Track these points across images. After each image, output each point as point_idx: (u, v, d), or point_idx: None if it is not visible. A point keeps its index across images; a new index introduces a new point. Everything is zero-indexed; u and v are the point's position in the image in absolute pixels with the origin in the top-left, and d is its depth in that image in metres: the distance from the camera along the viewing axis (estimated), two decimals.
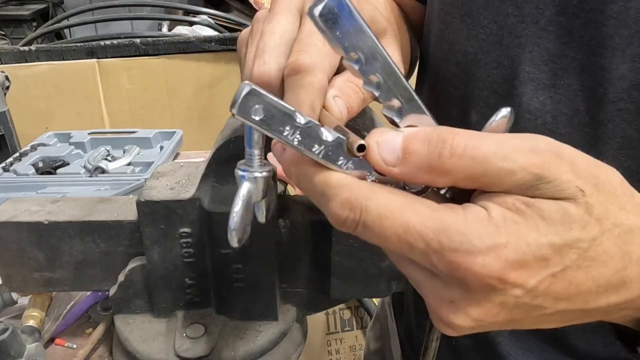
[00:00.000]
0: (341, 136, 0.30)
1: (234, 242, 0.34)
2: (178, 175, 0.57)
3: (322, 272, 0.56)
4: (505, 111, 0.35)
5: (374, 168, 0.30)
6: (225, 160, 0.52)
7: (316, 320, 1.38)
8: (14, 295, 0.65)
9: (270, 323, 0.58)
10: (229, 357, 0.55)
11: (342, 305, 1.28)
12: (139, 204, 0.53)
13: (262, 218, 0.38)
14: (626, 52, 0.42)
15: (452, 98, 0.57)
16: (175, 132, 1.16)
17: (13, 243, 0.57)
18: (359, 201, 0.29)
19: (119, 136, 1.14)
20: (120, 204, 0.59)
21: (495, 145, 0.29)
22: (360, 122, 0.47)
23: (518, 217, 0.29)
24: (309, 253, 0.57)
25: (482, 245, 0.28)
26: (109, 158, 1.05)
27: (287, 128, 0.28)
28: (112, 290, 0.58)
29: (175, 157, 1.16)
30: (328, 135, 0.29)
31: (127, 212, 0.57)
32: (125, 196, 0.85)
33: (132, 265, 0.57)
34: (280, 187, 0.89)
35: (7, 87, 1.16)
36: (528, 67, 0.49)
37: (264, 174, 0.34)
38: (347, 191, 0.29)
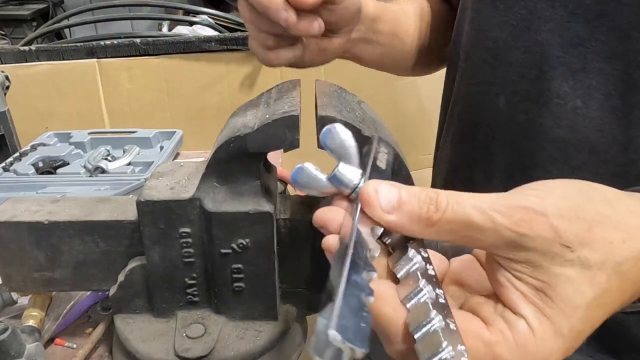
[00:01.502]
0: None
1: None
2: (178, 175, 0.57)
3: (322, 272, 0.56)
4: (384, 144, 0.40)
5: (369, 214, 0.32)
6: (225, 160, 0.52)
7: (316, 320, 1.38)
8: (14, 295, 0.65)
9: (270, 323, 0.58)
10: (229, 357, 0.55)
11: None
12: (139, 203, 0.53)
13: None
14: None
15: (482, 83, 0.58)
16: (175, 132, 1.16)
17: (13, 243, 0.57)
18: None
19: (119, 136, 1.14)
20: (120, 204, 0.59)
21: (476, 204, 0.32)
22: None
23: (546, 310, 0.31)
24: (309, 253, 0.57)
25: None
26: (109, 158, 1.05)
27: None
28: (112, 290, 0.58)
29: (175, 157, 1.16)
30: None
31: (127, 212, 0.57)
32: (125, 196, 0.85)
33: (132, 265, 0.57)
34: (280, 187, 0.89)
35: (7, 87, 1.16)
36: (557, 51, 0.49)
37: None
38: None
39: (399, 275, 0.33)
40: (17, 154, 1.06)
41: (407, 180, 0.52)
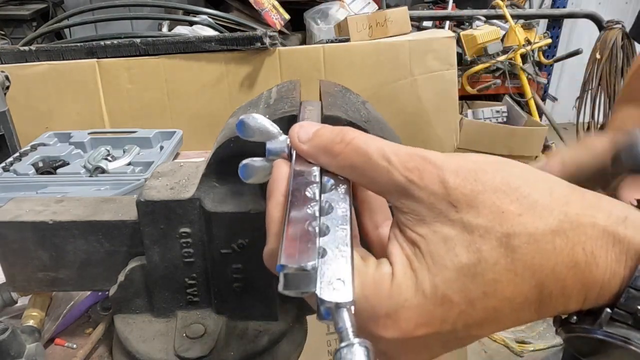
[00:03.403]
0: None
1: None
2: (178, 175, 0.57)
3: None
4: (310, 103, 0.44)
5: (292, 145, 0.36)
6: (226, 160, 0.52)
7: (316, 320, 1.38)
8: (14, 295, 0.65)
9: (270, 323, 0.58)
10: (229, 357, 0.55)
11: None
12: (139, 203, 0.53)
13: None
14: None
15: None
16: (175, 132, 1.16)
17: (17, 243, 0.57)
18: None
19: (119, 136, 1.14)
20: (124, 204, 0.59)
21: (380, 145, 0.32)
22: None
23: (414, 263, 0.31)
24: None
25: (382, 311, 0.30)
26: (109, 158, 1.05)
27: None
28: (112, 290, 0.58)
29: (175, 157, 1.16)
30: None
31: (131, 211, 0.57)
32: (129, 196, 0.85)
33: (132, 265, 0.57)
34: None
35: (7, 87, 1.16)
36: None
37: None
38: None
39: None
40: (17, 154, 1.06)
41: None
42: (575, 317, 0.32)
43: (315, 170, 0.35)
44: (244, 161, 0.39)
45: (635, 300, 0.29)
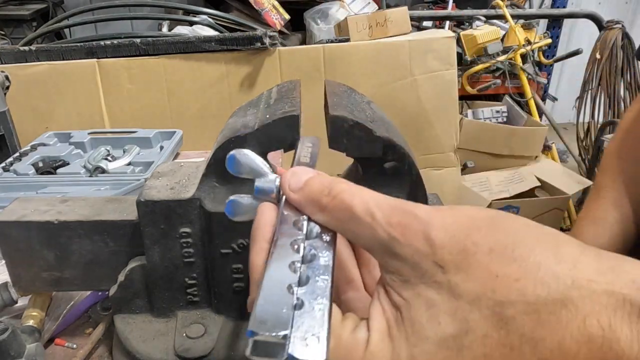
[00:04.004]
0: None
1: None
2: (178, 175, 0.57)
3: None
4: (308, 140, 0.41)
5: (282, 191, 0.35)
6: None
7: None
8: (14, 295, 0.65)
9: None
10: (229, 357, 0.55)
11: None
12: (139, 203, 0.53)
13: None
14: None
15: None
16: (175, 132, 1.16)
17: (22, 242, 0.57)
18: None
19: (119, 136, 1.14)
20: (129, 204, 0.59)
21: (366, 199, 0.30)
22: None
23: (393, 330, 0.28)
24: None
25: None
26: (109, 158, 1.05)
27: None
28: (112, 290, 0.58)
29: (175, 157, 1.16)
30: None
31: (136, 211, 0.57)
32: (134, 196, 0.85)
33: (132, 265, 0.57)
34: None
35: (7, 87, 1.16)
36: None
37: None
38: None
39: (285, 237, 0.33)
40: (17, 154, 1.06)
41: (416, 180, 0.52)
42: None
43: (303, 219, 0.33)
44: (232, 197, 0.38)
45: None
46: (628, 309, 0.24)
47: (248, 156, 0.37)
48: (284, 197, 0.35)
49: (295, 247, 0.31)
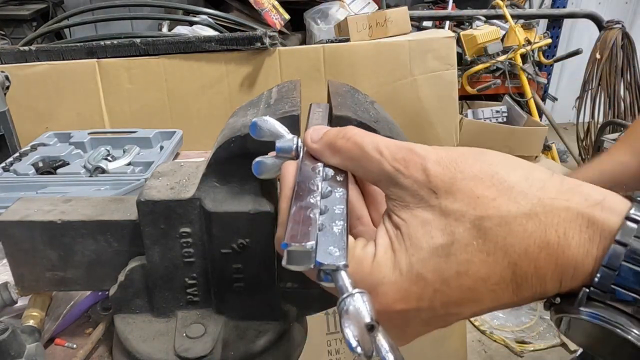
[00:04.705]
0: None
1: None
2: (178, 175, 0.57)
3: None
4: (318, 106, 0.49)
5: (306, 145, 0.41)
6: (226, 160, 0.52)
7: (316, 320, 1.38)
8: (14, 295, 0.65)
9: (270, 323, 0.58)
10: (229, 357, 0.55)
11: None
12: (139, 203, 0.53)
13: None
14: None
15: None
16: (175, 132, 1.16)
17: (25, 242, 0.57)
18: None
19: (119, 136, 1.14)
20: (132, 204, 0.58)
21: (375, 140, 0.36)
22: None
23: (395, 244, 0.34)
24: None
25: (363, 286, 0.32)
26: (109, 158, 1.05)
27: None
28: (112, 290, 0.58)
29: (175, 157, 1.16)
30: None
31: None
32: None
33: (132, 265, 0.57)
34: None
35: (7, 87, 1.16)
36: None
37: None
38: None
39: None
40: (17, 154, 1.06)
41: None
42: (558, 299, 0.33)
43: (319, 166, 0.39)
44: (258, 158, 0.43)
45: (609, 278, 0.30)
46: (580, 221, 0.31)
47: (268, 122, 0.43)
48: (302, 152, 0.41)
49: (315, 187, 0.37)
